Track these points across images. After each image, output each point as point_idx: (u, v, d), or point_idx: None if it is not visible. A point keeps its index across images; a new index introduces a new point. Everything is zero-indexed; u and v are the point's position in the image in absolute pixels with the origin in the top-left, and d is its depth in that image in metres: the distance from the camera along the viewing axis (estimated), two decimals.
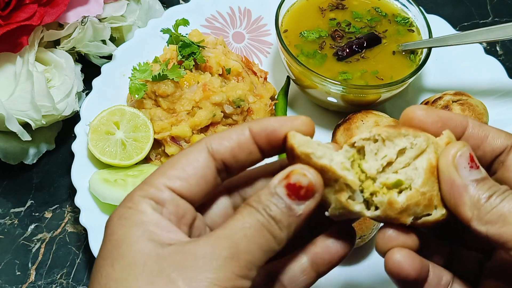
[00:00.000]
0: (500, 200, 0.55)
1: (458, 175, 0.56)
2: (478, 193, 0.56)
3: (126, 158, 1.05)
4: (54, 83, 1.11)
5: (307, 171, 0.56)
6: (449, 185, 0.57)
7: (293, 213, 0.55)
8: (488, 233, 0.55)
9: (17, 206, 1.10)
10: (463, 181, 0.56)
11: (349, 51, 1.15)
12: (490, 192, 0.55)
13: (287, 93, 1.21)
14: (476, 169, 0.57)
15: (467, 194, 0.56)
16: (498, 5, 1.49)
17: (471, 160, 0.57)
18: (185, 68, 1.10)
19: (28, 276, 1.02)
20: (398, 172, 0.60)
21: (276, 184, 0.55)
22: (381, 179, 0.60)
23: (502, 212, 0.54)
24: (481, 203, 0.55)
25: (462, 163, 0.56)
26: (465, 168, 0.56)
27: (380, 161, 0.60)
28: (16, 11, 1.04)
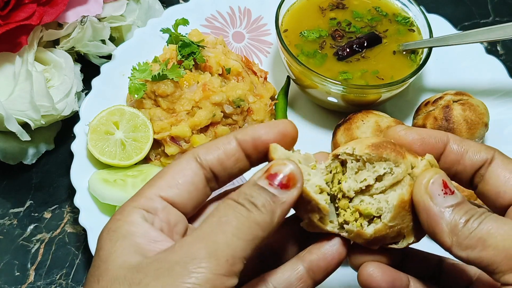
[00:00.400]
0: (478, 223, 0.55)
1: (432, 203, 0.57)
2: (454, 219, 0.56)
3: (125, 158, 1.05)
4: (53, 83, 1.11)
5: (287, 161, 0.56)
6: (425, 214, 0.57)
7: (277, 199, 0.55)
8: (469, 258, 0.55)
9: (16, 206, 1.10)
10: (438, 209, 0.56)
11: (350, 50, 1.15)
12: (467, 216, 0.56)
13: (287, 93, 1.21)
14: (451, 194, 0.57)
15: (443, 221, 0.56)
16: (499, 5, 1.49)
17: (444, 187, 0.57)
18: (184, 68, 1.09)
19: (28, 277, 1.02)
20: (374, 197, 0.61)
21: (258, 177, 0.56)
22: (355, 203, 0.61)
23: (481, 235, 0.54)
24: (459, 228, 0.55)
25: (436, 191, 0.57)
26: (439, 195, 0.57)
27: (359, 184, 0.61)
28: (15, 11, 1.04)
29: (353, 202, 0.61)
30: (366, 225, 0.60)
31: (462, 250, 0.55)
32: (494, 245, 0.53)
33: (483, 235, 0.54)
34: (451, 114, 1.08)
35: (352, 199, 0.62)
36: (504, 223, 0.55)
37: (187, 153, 0.60)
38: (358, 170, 0.61)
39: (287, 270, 0.61)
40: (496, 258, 0.53)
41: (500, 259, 0.53)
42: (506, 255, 0.53)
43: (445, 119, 1.08)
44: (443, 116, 1.08)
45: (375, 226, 0.59)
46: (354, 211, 0.61)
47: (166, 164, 1.09)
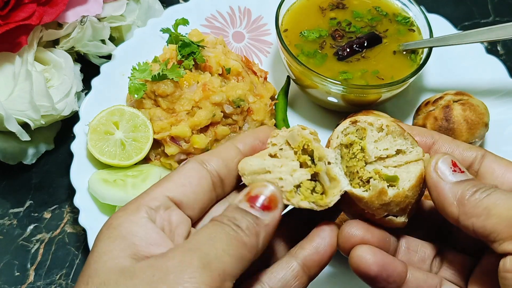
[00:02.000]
0: (485, 195, 0.58)
1: (441, 179, 0.60)
2: (463, 190, 0.59)
3: (125, 158, 1.05)
4: (53, 83, 1.10)
5: (266, 183, 0.58)
6: (435, 190, 0.60)
7: (260, 222, 0.56)
8: (474, 227, 0.57)
9: (16, 207, 1.10)
10: (447, 184, 0.60)
11: (350, 50, 1.15)
12: (475, 188, 0.59)
13: (287, 93, 1.21)
14: (460, 172, 0.61)
15: (452, 195, 0.59)
16: (499, 5, 1.49)
17: (454, 165, 0.61)
18: (184, 68, 1.09)
19: (27, 277, 1.02)
20: (389, 168, 0.64)
21: (239, 200, 0.57)
22: (377, 167, 0.64)
23: (486, 205, 0.57)
24: (466, 198, 0.58)
25: (445, 169, 0.61)
26: (448, 172, 0.61)
27: (382, 151, 0.64)
28: (15, 11, 1.04)
29: (371, 167, 0.64)
30: (387, 186, 0.62)
31: (468, 219, 0.58)
32: (498, 214, 0.56)
33: (488, 205, 0.57)
34: (451, 114, 1.08)
35: (366, 164, 0.64)
36: (508, 196, 0.57)
37: (192, 158, 0.61)
38: (378, 140, 0.65)
39: (282, 268, 0.62)
40: (498, 226, 0.56)
41: (501, 227, 0.55)
42: (507, 223, 0.55)
43: (445, 119, 1.08)
44: (443, 116, 1.08)
45: (394, 190, 0.62)
46: (374, 173, 0.63)
47: (166, 164, 1.09)
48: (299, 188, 0.62)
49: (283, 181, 0.61)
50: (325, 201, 0.61)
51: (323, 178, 0.63)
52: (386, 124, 0.65)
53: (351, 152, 0.64)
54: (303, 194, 0.61)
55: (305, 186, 0.62)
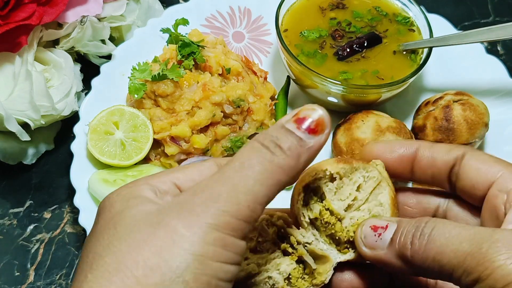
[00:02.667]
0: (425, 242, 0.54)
1: (377, 250, 0.58)
2: (399, 249, 0.56)
3: (125, 158, 1.05)
4: (53, 83, 1.10)
5: (316, 106, 0.55)
6: (381, 263, 0.58)
7: (304, 143, 0.54)
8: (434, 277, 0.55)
9: (16, 207, 1.10)
10: (383, 251, 0.57)
11: (350, 50, 1.15)
12: (409, 238, 0.55)
13: (287, 93, 1.21)
14: (385, 231, 0.57)
15: (394, 257, 0.56)
16: (499, 5, 1.49)
17: (374, 230, 0.58)
18: (184, 67, 1.09)
19: (27, 277, 1.02)
20: (360, 209, 0.61)
21: (286, 120, 0.55)
22: (353, 218, 0.61)
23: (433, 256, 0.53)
24: (409, 256, 0.55)
25: (371, 240, 0.58)
26: (376, 241, 0.58)
27: (347, 200, 0.61)
28: (15, 11, 1.04)
29: (344, 222, 0.61)
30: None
31: (423, 272, 0.55)
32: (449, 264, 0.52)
33: (435, 255, 0.53)
34: (451, 114, 1.08)
35: (341, 220, 0.61)
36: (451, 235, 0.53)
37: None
38: (337, 190, 0.61)
39: None
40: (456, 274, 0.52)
41: (459, 274, 0.52)
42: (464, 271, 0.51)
43: (445, 119, 1.08)
44: (443, 116, 1.08)
45: None
46: (353, 227, 0.61)
47: (166, 164, 1.09)
48: (290, 280, 0.61)
49: (272, 280, 0.60)
50: (320, 279, 0.60)
51: (308, 258, 0.61)
52: (336, 171, 0.60)
53: (324, 221, 0.61)
54: (296, 285, 0.61)
55: (294, 277, 0.61)
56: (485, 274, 0.50)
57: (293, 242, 0.62)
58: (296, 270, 0.61)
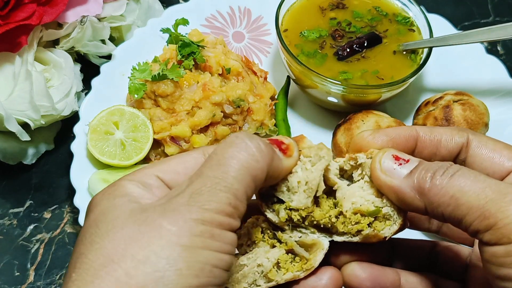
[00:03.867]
0: (447, 179, 0.54)
1: (391, 178, 0.57)
2: (418, 181, 0.55)
3: (125, 158, 1.05)
4: (53, 83, 1.10)
5: (287, 138, 0.59)
6: (392, 192, 0.57)
7: (275, 153, 0.56)
8: (445, 216, 0.54)
9: (16, 207, 1.10)
10: (398, 180, 0.56)
11: (350, 50, 1.15)
12: (430, 173, 0.55)
13: (287, 93, 1.21)
14: (406, 163, 0.57)
15: (408, 188, 0.56)
16: (499, 5, 1.49)
17: (396, 159, 0.57)
18: (184, 68, 1.09)
19: (27, 277, 1.02)
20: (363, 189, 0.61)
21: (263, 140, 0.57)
22: (348, 206, 0.61)
23: (453, 193, 0.53)
24: (426, 188, 0.54)
25: (390, 166, 0.57)
26: (395, 169, 0.57)
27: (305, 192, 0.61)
28: (15, 11, 1.04)
29: (347, 204, 0.61)
30: (382, 227, 0.60)
31: (436, 209, 0.54)
32: (468, 203, 0.52)
33: (455, 193, 0.53)
34: (451, 114, 1.08)
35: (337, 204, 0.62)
36: (476, 179, 0.53)
37: (196, 148, 0.60)
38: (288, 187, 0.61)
39: None
40: (470, 217, 0.52)
41: (473, 218, 0.52)
42: (480, 214, 0.51)
43: (445, 119, 1.08)
44: (443, 116, 1.08)
45: (388, 226, 0.60)
46: (352, 214, 0.61)
47: None
48: (279, 265, 0.61)
49: (261, 267, 0.61)
50: (310, 263, 0.61)
51: (298, 249, 0.62)
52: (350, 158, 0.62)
53: (297, 218, 0.61)
54: (285, 268, 0.61)
55: (283, 260, 0.61)
56: (503, 222, 0.49)
57: (279, 237, 0.62)
58: (285, 256, 0.62)
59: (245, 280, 0.61)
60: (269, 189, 0.61)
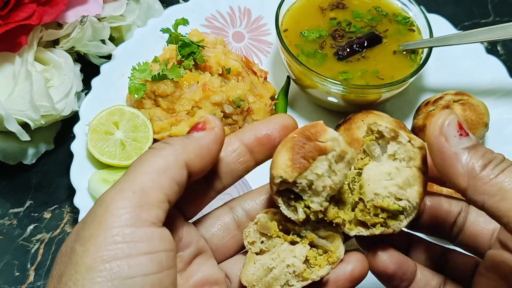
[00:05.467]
0: (498, 171, 0.53)
1: (448, 144, 0.55)
2: (471, 161, 0.54)
3: (125, 158, 1.05)
4: (53, 83, 1.10)
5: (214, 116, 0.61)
6: (440, 155, 0.55)
7: (189, 139, 0.58)
8: (485, 205, 0.54)
9: (16, 207, 1.10)
10: (454, 150, 0.55)
11: (350, 50, 1.15)
12: (484, 161, 0.54)
13: (287, 93, 1.21)
14: (465, 136, 0.55)
15: (459, 163, 0.54)
16: (499, 5, 1.49)
17: (460, 128, 0.55)
18: (184, 68, 1.09)
19: (27, 277, 1.02)
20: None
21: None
22: (371, 196, 0.61)
23: (502, 186, 0.53)
24: (476, 172, 0.54)
25: (451, 132, 0.55)
26: (455, 136, 0.55)
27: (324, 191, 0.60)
28: (15, 11, 1.04)
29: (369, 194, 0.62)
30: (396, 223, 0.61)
31: (478, 195, 0.53)
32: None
33: (504, 186, 0.52)
34: None
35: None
36: None
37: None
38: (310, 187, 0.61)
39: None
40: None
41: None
42: None
43: None
44: None
45: (404, 221, 0.61)
46: (373, 206, 0.61)
47: None
48: (309, 261, 0.61)
49: (292, 267, 0.60)
50: (336, 256, 0.62)
51: (319, 241, 0.62)
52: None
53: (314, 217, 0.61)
54: (315, 264, 0.61)
55: (312, 257, 0.62)
56: None
57: (299, 231, 0.62)
58: (312, 251, 0.62)
59: (277, 283, 0.60)
60: (289, 184, 0.59)
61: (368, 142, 0.62)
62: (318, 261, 0.61)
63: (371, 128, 0.62)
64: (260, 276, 0.60)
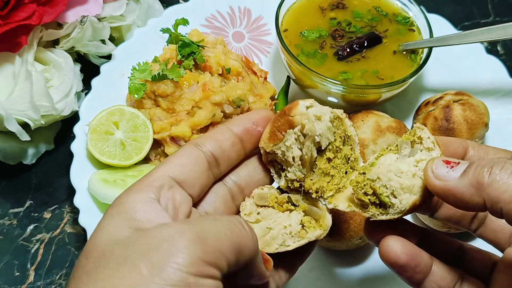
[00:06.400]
0: (507, 175, 0.54)
1: (446, 181, 0.57)
2: (475, 175, 0.55)
3: (125, 158, 1.05)
4: (53, 83, 1.10)
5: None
6: (449, 195, 0.57)
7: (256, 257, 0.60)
8: (504, 212, 0.54)
9: (16, 207, 1.10)
10: (454, 181, 0.57)
11: (350, 50, 1.15)
12: (487, 168, 0.55)
13: (287, 93, 1.21)
14: (457, 165, 0.58)
15: (464, 187, 0.56)
16: (499, 5, 1.49)
17: (447, 163, 0.58)
18: (184, 67, 1.09)
19: (27, 277, 1.02)
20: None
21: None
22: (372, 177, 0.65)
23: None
24: (485, 182, 0.54)
25: (443, 171, 0.58)
26: (448, 172, 0.58)
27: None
28: (15, 11, 1.04)
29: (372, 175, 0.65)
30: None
31: (496, 204, 0.54)
32: None
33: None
34: (451, 114, 1.08)
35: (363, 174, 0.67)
36: None
37: (188, 142, 0.65)
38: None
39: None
40: None
41: None
42: None
43: (445, 119, 1.08)
44: (443, 116, 1.08)
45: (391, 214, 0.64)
46: (370, 182, 0.65)
47: None
48: (304, 225, 0.66)
49: (289, 228, 0.65)
50: (325, 224, 0.66)
51: (311, 210, 0.67)
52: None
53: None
54: (310, 227, 0.66)
55: (307, 221, 0.66)
56: None
57: (295, 201, 0.67)
58: (307, 218, 0.66)
59: (275, 241, 0.65)
60: (271, 155, 0.67)
61: (404, 139, 0.66)
62: (312, 225, 0.66)
63: (416, 131, 0.65)
64: (259, 235, 0.64)
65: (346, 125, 0.69)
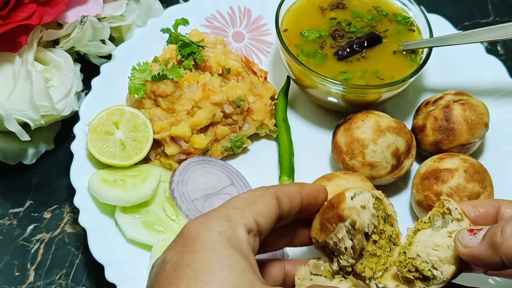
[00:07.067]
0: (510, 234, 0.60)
1: (472, 247, 0.64)
2: (490, 238, 0.62)
3: (125, 158, 1.05)
4: (53, 83, 1.10)
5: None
6: (476, 260, 0.64)
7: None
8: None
9: (16, 207, 1.10)
10: (476, 246, 0.63)
11: (350, 50, 1.15)
12: (499, 229, 0.61)
13: (287, 93, 1.21)
14: (479, 231, 0.65)
15: (485, 249, 0.62)
16: (499, 5, 1.49)
17: (470, 231, 0.65)
18: (184, 67, 1.09)
19: (27, 277, 1.02)
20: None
21: None
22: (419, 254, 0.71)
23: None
24: (498, 242, 0.60)
25: (467, 239, 0.65)
26: (471, 239, 0.64)
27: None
28: (15, 11, 1.04)
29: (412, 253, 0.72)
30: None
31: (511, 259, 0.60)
32: None
33: None
34: (451, 114, 1.08)
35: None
36: None
37: (269, 189, 0.70)
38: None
39: None
40: None
41: None
42: None
43: (445, 119, 1.08)
44: (443, 116, 1.08)
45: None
46: (412, 260, 0.72)
47: (166, 164, 1.09)
48: None
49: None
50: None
51: (359, 284, 0.74)
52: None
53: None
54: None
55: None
56: None
57: (345, 273, 0.73)
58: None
59: None
60: (322, 243, 0.73)
61: (435, 212, 0.72)
62: None
63: (444, 203, 0.72)
64: None
65: (385, 204, 0.75)
